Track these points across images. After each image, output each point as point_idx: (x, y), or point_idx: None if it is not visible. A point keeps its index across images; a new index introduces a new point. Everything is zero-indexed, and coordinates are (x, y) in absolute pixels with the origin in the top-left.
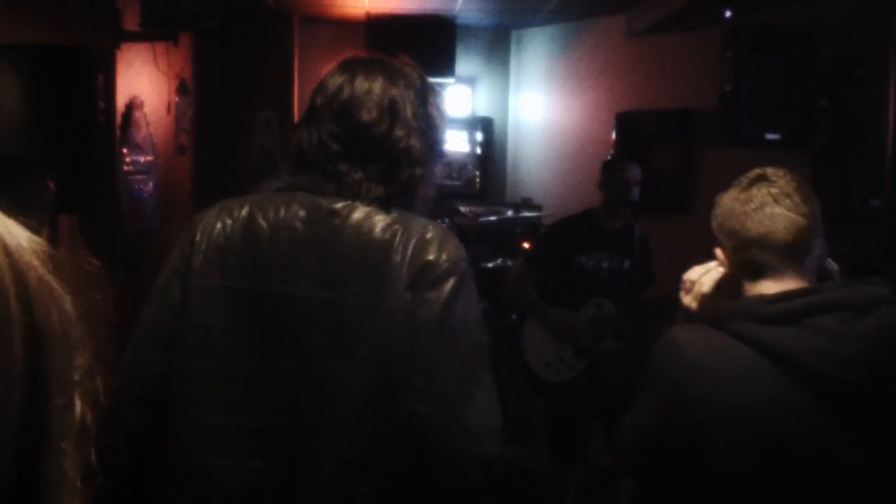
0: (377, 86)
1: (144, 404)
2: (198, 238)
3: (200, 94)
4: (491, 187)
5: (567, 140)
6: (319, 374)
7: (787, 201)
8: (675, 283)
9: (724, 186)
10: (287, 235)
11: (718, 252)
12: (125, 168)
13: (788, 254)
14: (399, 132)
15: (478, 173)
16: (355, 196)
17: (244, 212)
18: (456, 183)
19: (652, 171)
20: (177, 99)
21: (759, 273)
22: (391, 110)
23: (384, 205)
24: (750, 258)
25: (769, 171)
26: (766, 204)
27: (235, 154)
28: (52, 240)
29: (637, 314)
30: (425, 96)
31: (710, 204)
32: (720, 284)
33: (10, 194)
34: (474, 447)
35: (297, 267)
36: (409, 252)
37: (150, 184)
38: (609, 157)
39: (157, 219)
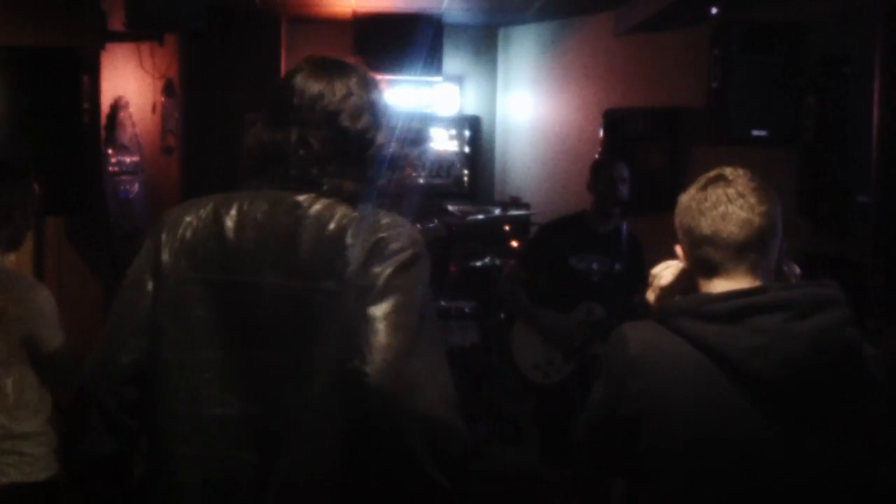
0: (355, 90)
1: (123, 389)
2: (164, 234)
3: (188, 95)
4: (479, 186)
5: (555, 138)
6: (291, 362)
7: (741, 201)
8: None
9: None
10: (252, 228)
11: (678, 249)
12: (111, 169)
13: (740, 253)
14: (381, 138)
15: (466, 172)
16: (328, 195)
17: (209, 208)
18: (444, 182)
19: (640, 169)
20: (163, 99)
21: (711, 271)
22: (373, 115)
23: (351, 199)
24: (703, 256)
25: (728, 170)
26: (721, 203)
27: (224, 154)
28: (39, 243)
29: (626, 318)
30: (385, 99)
31: None
32: (680, 280)
33: None
34: (418, 408)
35: (262, 258)
36: (362, 235)
37: (136, 184)
38: (597, 157)
39: (144, 220)
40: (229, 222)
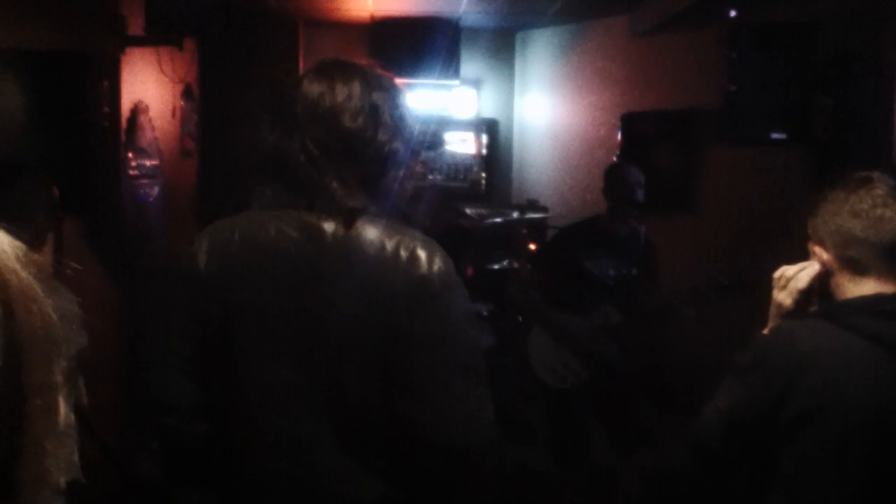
0: (357, 91)
1: (188, 422)
2: (194, 271)
3: (206, 99)
4: (496, 189)
5: (572, 141)
6: (317, 382)
7: (895, 205)
8: (677, 283)
9: (728, 185)
10: (279, 255)
11: (817, 249)
12: (130, 172)
13: (891, 254)
14: (382, 137)
15: (483, 175)
16: (344, 209)
17: (236, 236)
18: (461, 185)
19: (655, 170)
20: (182, 103)
21: (861, 271)
22: (373, 115)
23: (374, 217)
24: (854, 256)
25: (875, 175)
26: (876, 206)
27: (242, 159)
28: (58, 244)
29: (641, 322)
30: (397, 98)
31: (714, 203)
32: (818, 283)
33: (13, 199)
34: (477, 439)
35: (290, 284)
36: (402, 265)
37: (156, 188)
38: (612, 162)
39: (162, 223)
40: (255, 250)
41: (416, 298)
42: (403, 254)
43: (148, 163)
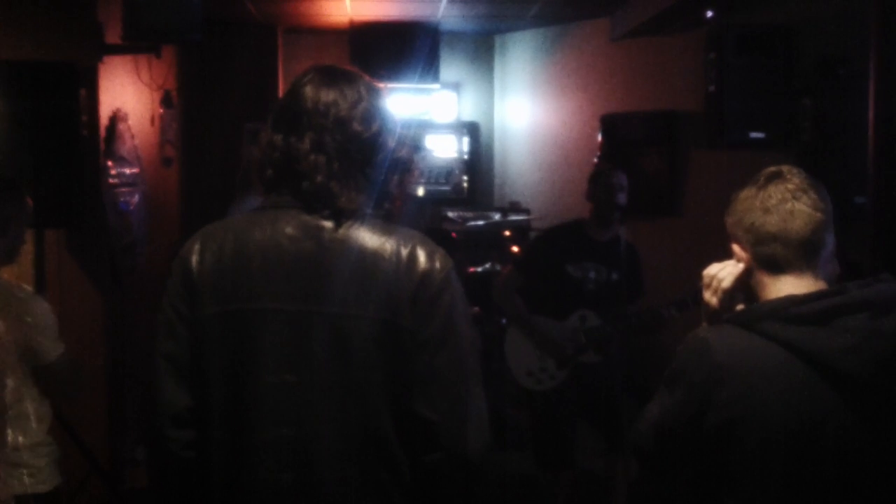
0: (365, 97)
1: (182, 429)
2: (187, 275)
3: (186, 106)
4: (478, 192)
5: (553, 143)
6: (321, 384)
7: (805, 197)
8: (662, 286)
9: (711, 188)
10: (277, 255)
11: (736, 248)
12: (111, 181)
13: (806, 249)
14: (392, 142)
15: (465, 178)
16: (342, 209)
17: (230, 237)
18: (443, 188)
19: (638, 173)
20: (161, 111)
21: (777, 268)
22: (383, 120)
23: (369, 217)
24: (769, 253)
25: (785, 168)
26: (786, 200)
27: (222, 166)
28: (39, 255)
29: (622, 328)
30: (389, 104)
31: (697, 206)
32: (742, 283)
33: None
34: (477, 442)
35: (290, 284)
36: (403, 264)
37: (136, 196)
38: (596, 166)
39: (144, 231)
40: (253, 250)
41: (419, 296)
42: (404, 252)
43: (128, 171)
